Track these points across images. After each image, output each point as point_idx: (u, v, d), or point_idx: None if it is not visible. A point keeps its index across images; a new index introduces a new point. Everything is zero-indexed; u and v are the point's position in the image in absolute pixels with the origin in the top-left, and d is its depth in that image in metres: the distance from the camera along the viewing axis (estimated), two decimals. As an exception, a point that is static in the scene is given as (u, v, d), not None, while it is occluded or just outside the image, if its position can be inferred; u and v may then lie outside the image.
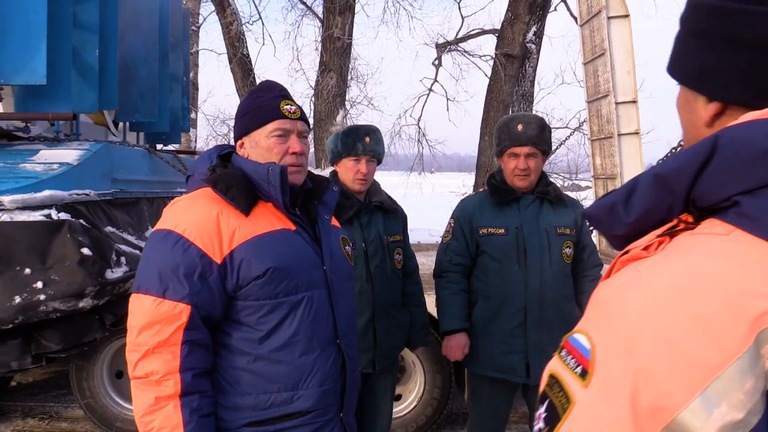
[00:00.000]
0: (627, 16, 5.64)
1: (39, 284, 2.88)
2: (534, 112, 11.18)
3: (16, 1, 3.32)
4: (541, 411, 0.70)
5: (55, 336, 3.10)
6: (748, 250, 0.62)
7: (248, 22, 12.42)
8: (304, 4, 12.17)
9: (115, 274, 3.07)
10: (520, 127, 2.57)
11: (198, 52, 12.59)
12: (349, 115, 10.78)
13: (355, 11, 10.22)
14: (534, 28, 9.52)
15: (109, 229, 3.40)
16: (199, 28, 12.49)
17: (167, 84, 5.11)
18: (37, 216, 2.94)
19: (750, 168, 0.64)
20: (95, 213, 3.34)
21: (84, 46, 3.76)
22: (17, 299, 2.87)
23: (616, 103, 5.59)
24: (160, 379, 1.45)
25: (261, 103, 1.67)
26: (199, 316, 1.50)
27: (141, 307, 1.49)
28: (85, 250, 2.95)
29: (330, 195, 1.79)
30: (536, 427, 0.70)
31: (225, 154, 1.73)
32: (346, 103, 10.61)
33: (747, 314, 0.57)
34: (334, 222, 1.88)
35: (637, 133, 5.62)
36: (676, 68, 0.82)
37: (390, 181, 10.10)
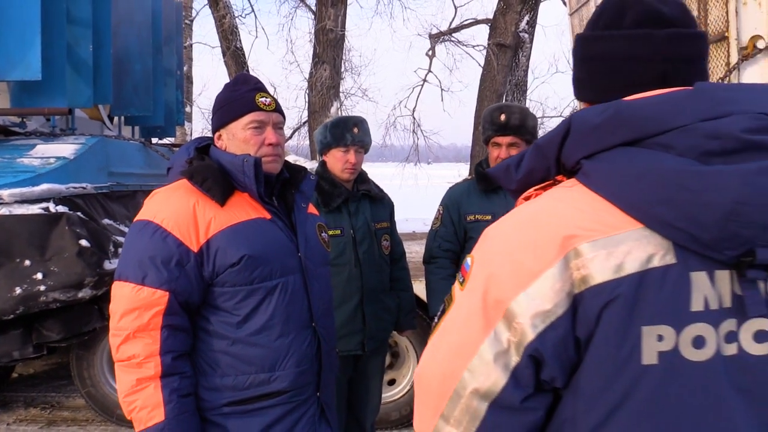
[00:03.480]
0: (616, 4, 5.68)
1: (39, 275, 2.95)
2: (528, 102, 11.22)
3: (10, -2, 3.38)
4: (439, 310, 0.98)
5: (56, 326, 3.18)
6: (580, 197, 0.87)
7: (241, 15, 12.45)
8: (297, -4, 12.17)
9: (112, 264, 3.14)
10: (502, 117, 2.62)
11: (192, 46, 12.62)
12: (343, 107, 10.82)
13: (348, 2, 10.23)
14: (527, 18, 9.55)
15: (106, 221, 3.47)
16: (192, 21, 12.50)
17: (161, 78, 5.16)
18: (35, 209, 3.01)
19: (587, 138, 0.88)
20: (92, 206, 3.41)
21: (78, 42, 3.81)
22: (18, 290, 2.95)
23: (606, 91, 5.64)
24: (142, 362, 1.53)
25: (236, 96, 1.73)
26: (178, 301, 1.57)
27: (121, 294, 1.57)
28: (84, 242, 3.02)
29: (307, 184, 1.84)
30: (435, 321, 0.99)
31: (204, 146, 1.79)
32: (340, 94, 10.64)
33: (561, 239, 0.83)
34: (312, 210, 1.94)
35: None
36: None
37: (385, 173, 10.16)
